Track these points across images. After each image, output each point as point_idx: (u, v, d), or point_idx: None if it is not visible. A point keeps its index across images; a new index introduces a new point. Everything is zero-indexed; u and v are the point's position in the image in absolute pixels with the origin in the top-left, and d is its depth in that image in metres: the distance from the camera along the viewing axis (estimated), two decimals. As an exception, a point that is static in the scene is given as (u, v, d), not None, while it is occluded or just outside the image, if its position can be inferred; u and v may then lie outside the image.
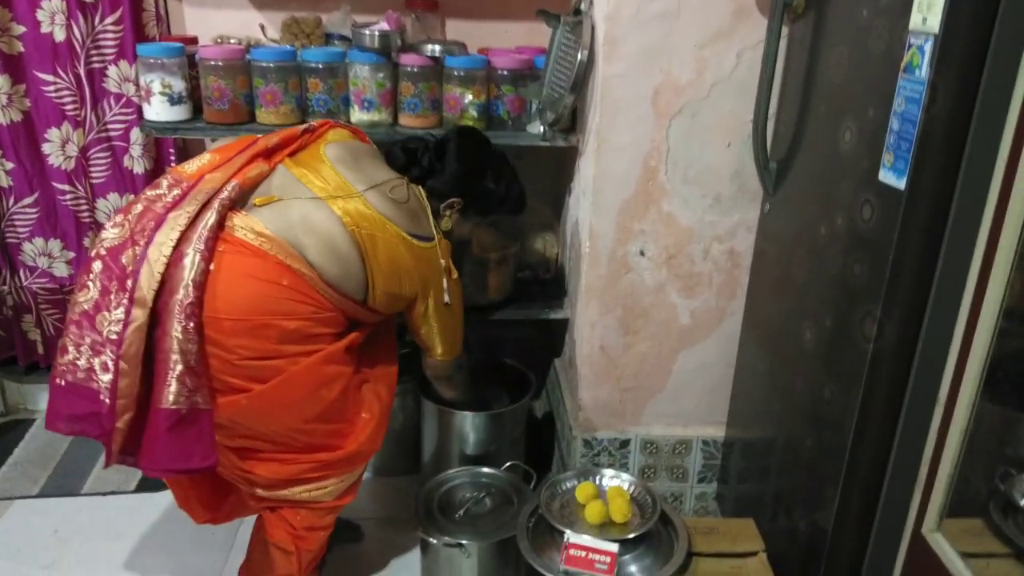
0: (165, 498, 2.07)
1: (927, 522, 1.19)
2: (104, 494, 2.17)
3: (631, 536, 1.40)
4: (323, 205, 1.45)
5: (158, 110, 1.89)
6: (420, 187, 1.61)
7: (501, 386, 2.15)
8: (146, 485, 2.18)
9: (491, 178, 1.68)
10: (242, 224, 1.41)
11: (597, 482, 1.57)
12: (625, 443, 1.92)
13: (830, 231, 1.36)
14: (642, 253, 1.75)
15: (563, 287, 2.10)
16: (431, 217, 1.58)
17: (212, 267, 1.36)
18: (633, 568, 1.40)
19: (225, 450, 1.46)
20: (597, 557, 1.35)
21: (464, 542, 1.71)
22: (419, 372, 1.97)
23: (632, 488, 1.55)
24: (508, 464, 1.93)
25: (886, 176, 1.16)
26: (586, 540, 1.37)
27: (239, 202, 1.44)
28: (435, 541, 1.71)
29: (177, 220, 1.37)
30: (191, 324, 1.32)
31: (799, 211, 1.50)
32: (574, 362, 1.93)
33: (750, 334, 1.77)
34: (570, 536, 1.38)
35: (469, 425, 2.00)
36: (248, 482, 1.52)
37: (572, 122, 1.88)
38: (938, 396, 1.18)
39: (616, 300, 1.79)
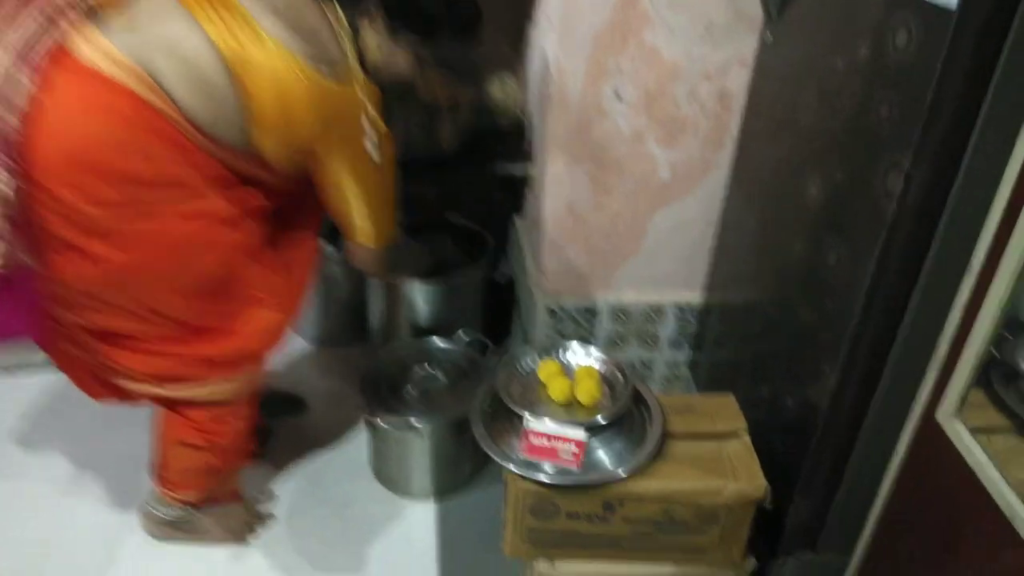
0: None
1: (944, 407, 1.03)
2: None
3: (600, 419, 1.24)
4: (191, 22, 1.12)
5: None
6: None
7: (455, 249, 1.94)
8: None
9: None
10: (88, 45, 1.09)
11: (562, 358, 1.39)
12: (593, 311, 1.74)
13: (849, 64, 1.11)
14: (618, 96, 1.49)
15: (525, 138, 1.84)
16: (348, 43, 1.23)
17: (45, 96, 1.06)
18: (601, 454, 1.25)
19: (82, 332, 1.24)
20: (562, 445, 1.19)
21: (416, 424, 1.55)
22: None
23: (601, 366, 1.37)
24: (463, 335, 1.75)
25: (936, -11, 0.92)
26: (549, 426, 1.21)
27: (87, 15, 1.11)
28: (383, 424, 1.55)
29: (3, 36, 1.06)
30: (8, 162, 1.05)
31: (809, 40, 1.25)
32: (538, 223, 1.71)
33: (738, 189, 1.55)
34: (530, 422, 1.21)
35: (419, 294, 1.79)
36: (112, 372, 1.30)
37: (536, -68, 1.56)
38: (970, 265, 0.99)
39: (587, 152, 1.54)
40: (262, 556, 1.56)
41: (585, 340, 1.77)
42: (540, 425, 1.21)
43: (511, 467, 1.20)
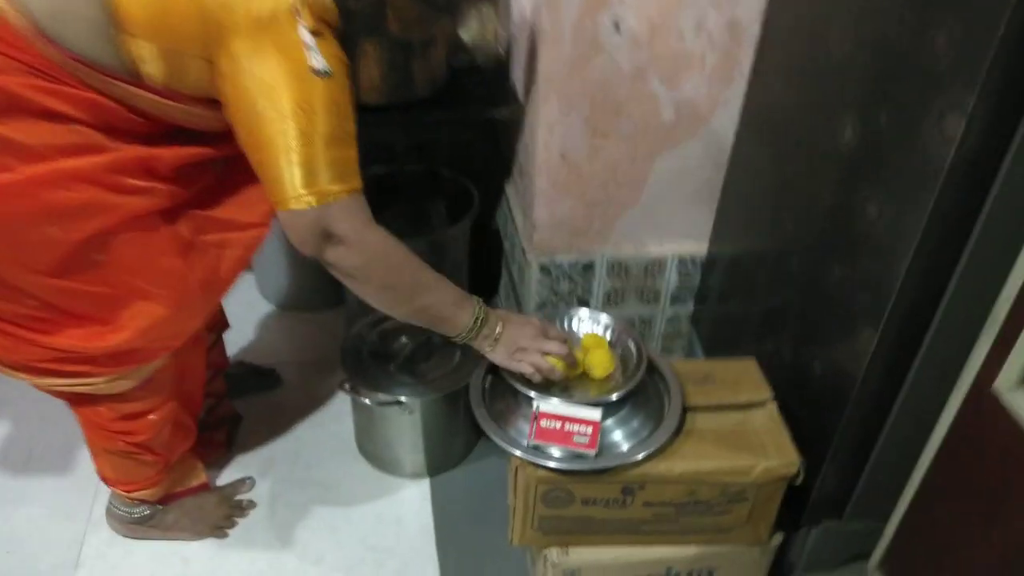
0: None
1: (1004, 376, 0.93)
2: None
3: (615, 397, 1.12)
4: None
5: None
6: None
7: (436, 203, 1.78)
8: None
9: None
10: None
11: (568, 327, 1.26)
12: (589, 267, 1.61)
13: (898, -15, 0.97)
14: (616, 27, 1.32)
15: (508, 77, 1.66)
16: None
17: None
18: (618, 435, 1.13)
19: None
20: (576, 428, 1.07)
21: (403, 399, 1.42)
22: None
23: (610, 332, 1.25)
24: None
25: None
26: (561, 407, 1.08)
27: None
28: (367, 401, 1.41)
29: None
30: None
31: (843, -41, 1.09)
32: (527, 172, 1.55)
33: (751, 131, 1.41)
34: (540, 404, 1.09)
35: (400, 253, 1.63)
36: None
37: None
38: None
39: (582, 93, 1.38)
40: (243, 548, 1.43)
41: (583, 300, 1.65)
42: (551, 407, 1.09)
43: (521, 454, 1.08)
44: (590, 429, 1.07)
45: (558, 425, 1.08)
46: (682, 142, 1.47)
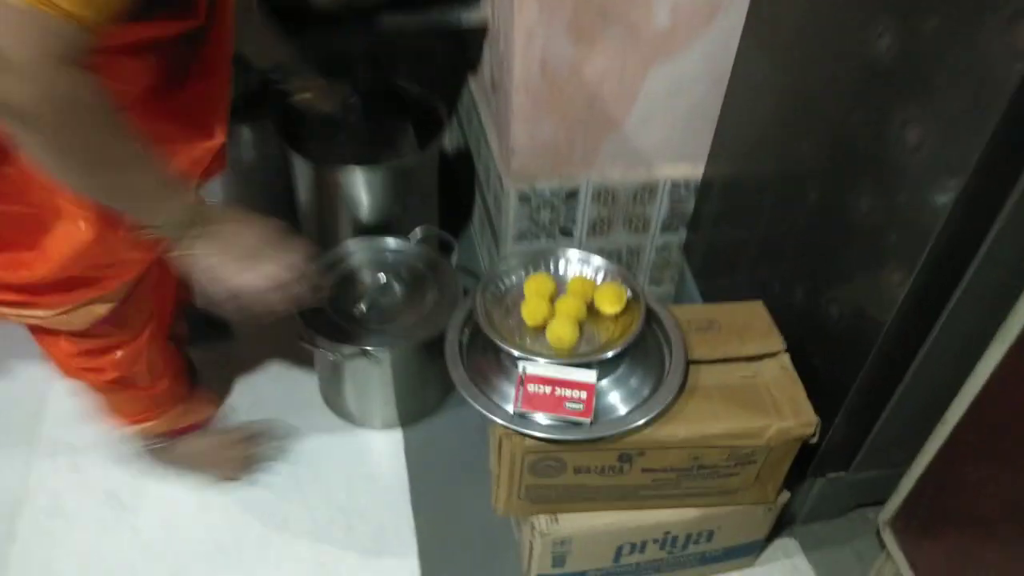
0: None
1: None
2: None
3: (610, 354, 0.98)
4: None
5: None
6: None
7: (401, 124, 1.59)
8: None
9: None
10: None
11: (555, 270, 1.11)
12: (573, 194, 1.45)
13: None
14: (606, -87, 1.12)
15: (477, -26, 1.45)
16: None
17: None
18: (614, 397, 1.01)
19: None
20: (568, 392, 0.94)
21: (370, 349, 1.28)
22: (280, 104, 1.39)
23: (603, 276, 1.10)
24: (420, 232, 1.44)
25: None
26: (551, 369, 0.95)
27: None
28: (332, 356, 1.27)
29: None
30: None
31: None
32: (503, 88, 1.36)
33: (758, 38, 1.23)
34: (527, 367, 0.95)
35: (360, 182, 1.45)
36: None
37: None
38: None
39: (565, -7, 1.19)
40: (198, 513, 1.31)
41: (565, 230, 1.50)
42: (539, 369, 0.95)
43: (506, 424, 0.95)
44: (584, 394, 0.94)
45: (548, 390, 0.94)
46: (678, 52, 1.28)
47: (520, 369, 0.95)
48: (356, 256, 1.40)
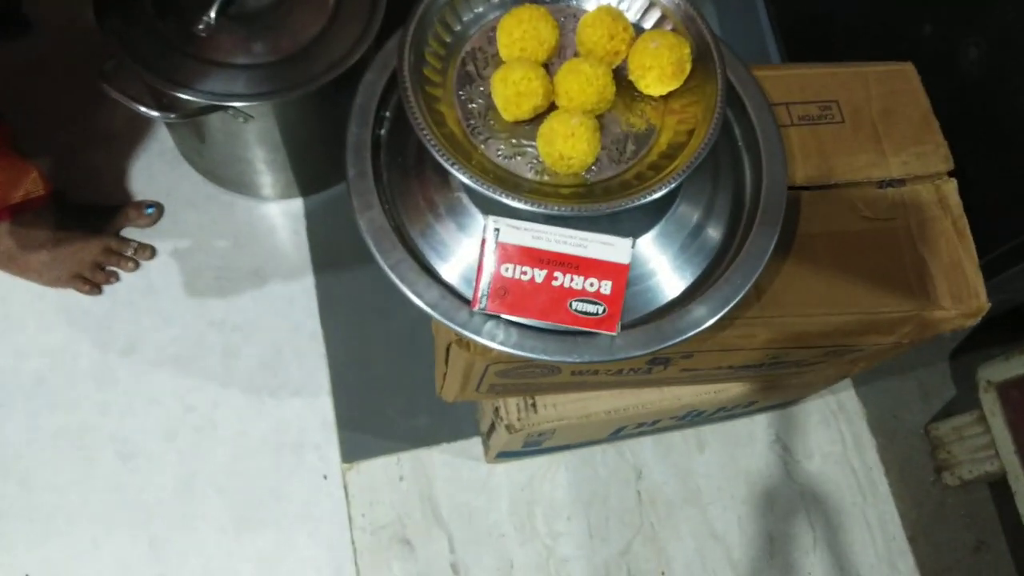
0: None
1: None
2: None
3: (664, 190, 0.51)
4: None
5: None
6: None
7: None
8: None
9: None
10: None
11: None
12: None
13: None
14: None
15: None
16: None
17: None
18: (654, 264, 0.56)
19: None
20: (578, 281, 0.49)
21: (244, 109, 0.76)
22: None
23: (647, 9, 0.57)
24: None
25: None
26: (545, 234, 0.49)
27: None
28: (173, 117, 0.75)
29: None
30: None
31: None
32: None
33: None
34: (502, 228, 0.48)
35: None
36: None
37: None
38: None
39: None
40: (38, 340, 0.90)
41: None
42: (525, 235, 0.49)
43: (462, 331, 0.51)
44: (609, 285, 0.49)
45: (539, 275, 0.49)
46: None
47: (487, 230, 0.49)
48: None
